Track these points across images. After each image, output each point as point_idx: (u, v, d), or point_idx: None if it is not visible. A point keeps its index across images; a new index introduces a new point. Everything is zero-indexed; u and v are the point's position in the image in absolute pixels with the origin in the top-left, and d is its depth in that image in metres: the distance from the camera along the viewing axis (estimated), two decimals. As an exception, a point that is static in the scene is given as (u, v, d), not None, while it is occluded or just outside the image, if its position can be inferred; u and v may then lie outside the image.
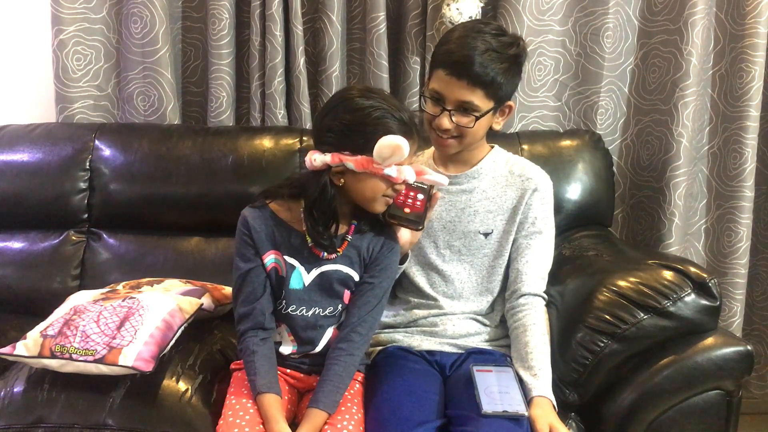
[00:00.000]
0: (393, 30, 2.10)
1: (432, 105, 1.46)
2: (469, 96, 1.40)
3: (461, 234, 1.53)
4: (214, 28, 2.05)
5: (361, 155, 1.28)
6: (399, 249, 1.44)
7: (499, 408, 1.27)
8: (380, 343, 1.55)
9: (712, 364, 1.38)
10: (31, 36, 2.17)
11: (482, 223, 1.52)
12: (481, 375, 1.36)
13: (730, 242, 2.14)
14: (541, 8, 2.06)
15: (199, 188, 1.92)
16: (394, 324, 1.57)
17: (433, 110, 1.45)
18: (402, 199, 1.41)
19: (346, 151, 1.28)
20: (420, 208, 1.42)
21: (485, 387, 1.32)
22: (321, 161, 1.30)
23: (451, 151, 1.51)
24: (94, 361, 1.30)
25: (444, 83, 1.42)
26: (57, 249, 1.94)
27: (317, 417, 1.28)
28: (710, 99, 2.14)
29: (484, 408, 1.26)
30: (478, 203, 1.53)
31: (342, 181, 1.32)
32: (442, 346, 1.50)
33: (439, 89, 1.43)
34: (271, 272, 1.38)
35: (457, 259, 1.54)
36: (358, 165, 1.28)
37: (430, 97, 1.46)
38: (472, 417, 1.27)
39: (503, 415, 1.26)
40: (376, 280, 1.40)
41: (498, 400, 1.29)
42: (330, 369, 1.33)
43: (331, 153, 1.29)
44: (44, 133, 1.98)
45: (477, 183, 1.54)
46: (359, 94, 1.31)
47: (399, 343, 1.52)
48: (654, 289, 1.40)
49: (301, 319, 1.39)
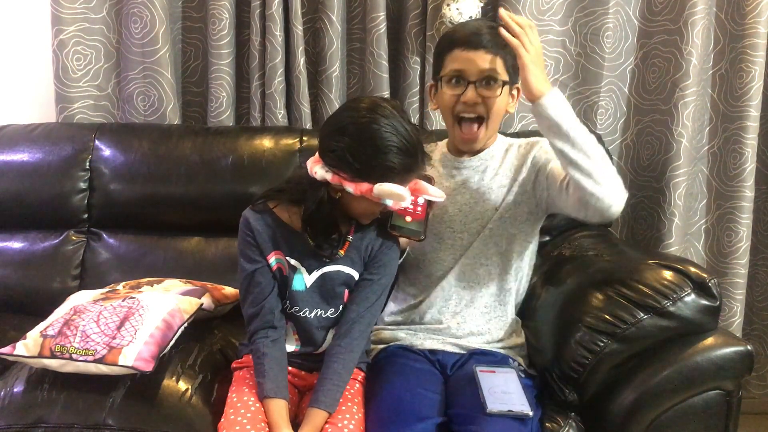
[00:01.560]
0: (393, 30, 2.10)
1: (453, 87, 1.47)
2: (490, 63, 1.43)
3: (478, 214, 1.53)
4: (214, 28, 2.05)
5: (361, 182, 1.27)
6: (397, 247, 1.44)
7: (504, 407, 1.27)
8: (383, 341, 1.55)
9: (712, 364, 1.38)
10: (31, 36, 2.17)
11: (497, 199, 1.53)
12: (484, 375, 1.36)
13: (730, 242, 2.14)
14: (541, 8, 2.06)
15: (199, 188, 1.92)
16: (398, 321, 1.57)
17: (456, 89, 1.46)
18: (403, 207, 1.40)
19: (346, 175, 1.28)
20: (421, 215, 1.42)
21: (489, 387, 1.32)
22: (321, 176, 1.30)
23: (478, 144, 1.53)
24: (94, 361, 1.30)
25: (462, 59, 1.44)
26: (57, 249, 1.94)
27: (318, 417, 1.28)
28: (710, 99, 2.14)
29: (489, 407, 1.26)
30: (491, 181, 1.54)
31: (339, 195, 1.32)
32: (445, 346, 1.50)
33: (459, 66, 1.45)
34: (275, 273, 1.38)
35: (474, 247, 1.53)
36: (357, 190, 1.28)
37: (448, 81, 1.47)
38: (476, 416, 1.27)
39: (508, 414, 1.26)
40: (375, 277, 1.40)
41: (502, 399, 1.29)
42: (329, 367, 1.33)
43: (332, 173, 1.29)
44: (44, 133, 1.98)
45: (489, 162, 1.55)
46: (366, 113, 1.27)
47: (402, 342, 1.53)
48: (654, 289, 1.40)
49: (304, 320, 1.39)
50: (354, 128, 1.27)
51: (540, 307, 1.57)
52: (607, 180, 1.35)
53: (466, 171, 1.56)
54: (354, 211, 1.35)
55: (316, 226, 1.34)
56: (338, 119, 1.31)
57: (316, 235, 1.34)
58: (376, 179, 1.26)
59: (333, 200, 1.32)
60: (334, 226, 1.35)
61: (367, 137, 1.26)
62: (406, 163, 1.27)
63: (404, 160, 1.27)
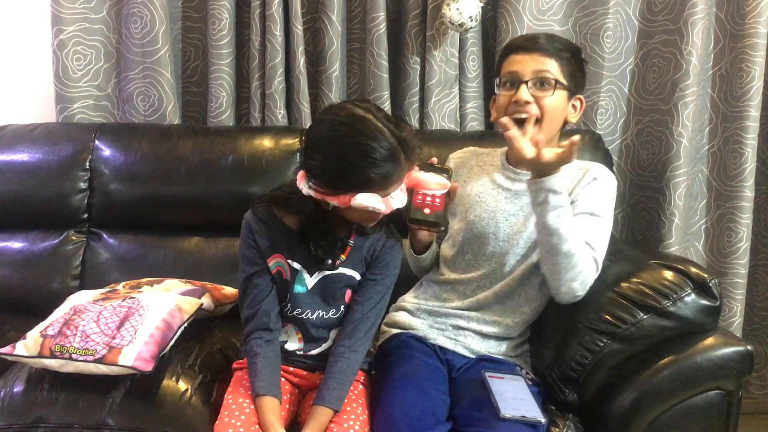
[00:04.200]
0: (393, 30, 2.10)
1: (507, 89, 1.49)
2: (544, 65, 1.45)
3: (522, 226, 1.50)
4: (214, 28, 2.05)
5: (343, 195, 1.25)
6: (400, 246, 1.44)
7: (518, 413, 1.27)
8: (395, 325, 1.55)
9: (712, 364, 1.38)
10: (31, 36, 2.17)
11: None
12: (494, 381, 1.36)
13: (730, 242, 2.14)
14: (541, 8, 2.06)
15: (199, 188, 1.92)
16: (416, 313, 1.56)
17: (510, 91, 1.48)
18: (420, 199, 1.39)
19: (324, 190, 1.26)
20: (440, 206, 1.40)
21: (500, 392, 1.32)
22: (307, 192, 1.29)
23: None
24: (94, 361, 1.30)
25: (516, 62, 1.48)
26: (57, 249, 1.94)
27: (323, 414, 1.27)
28: (710, 99, 2.14)
29: (502, 412, 1.27)
30: None
31: (330, 207, 1.30)
32: (456, 347, 1.50)
33: (513, 69, 1.48)
34: (275, 276, 1.38)
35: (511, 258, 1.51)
36: (341, 203, 1.26)
37: (503, 84, 1.50)
38: (489, 420, 1.27)
39: (522, 420, 1.26)
40: (378, 277, 1.40)
41: (515, 405, 1.29)
42: (334, 366, 1.33)
43: (314, 190, 1.27)
44: (44, 133, 1.98)
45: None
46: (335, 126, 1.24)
47: (415, 332, 1.52)
48: (654, 289, 1.40)
49: (306, 322, 1.40)
50: (323, 144, 1.25)
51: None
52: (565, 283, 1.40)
53: (521, 184, 1.51)
54: (351, 219, 1.34)
55: (313, 237, 1.34)
56: (310, 135, 1.29)
57: (316, 245, 1.34)
58: (356, 190, 1.24)
59: (325, 212, 1.32)
60: (331, 235, 1.35)
61: (338, 152, 1.23)
62: (384, 170, 1.23)
63: (381, 169, 1.23)
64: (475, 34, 2.08)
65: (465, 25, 1.94)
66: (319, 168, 1.25)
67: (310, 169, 1.26)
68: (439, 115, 2.10)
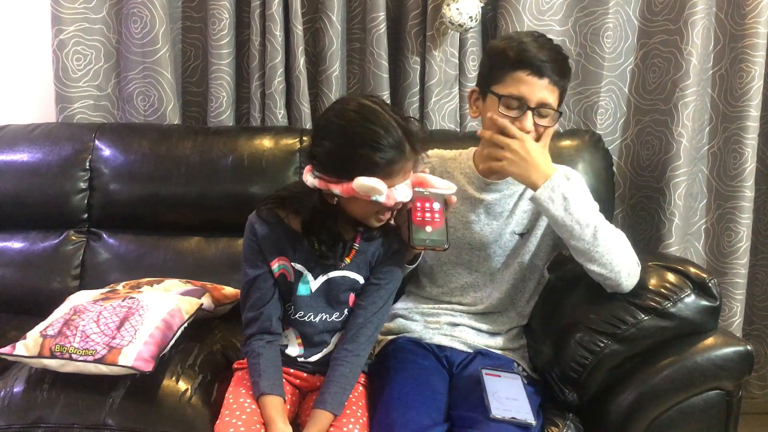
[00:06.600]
0: (393, 30, 2.10)
1: (508, 109, 1.41)
2: (549, 97, 1.40)
3: (497, 235, 1.52)
4: (214, 28, 2.05)
5: (347, 182, 1.24)
6: (404, 251, 1.43)
7: (508, 414, 1.26)
8: (391, 332, 1.55)
9: (712, 364, 1.38)
10: (31, 36, 2.17)
11: (518, 224, 1.52)
12: (490, 379, 1.35)
13: (730, 242, 2.14)
14: (541, 8, 2.06)
15: (199, 188, 1.92)
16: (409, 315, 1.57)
17: (511, 113, 1.40)
18: (420, 217, 1.33)
19: (330, 178, 1.26)
20: (440, 222, 1.34)
21: (494, 391, 1.32)
22: (311, 183, 1.29)
23: None
24: (94, 361, 1.30)
25: (523, 83, 1.39)
26: (57, 249, 1.94)
27: (323, 418, 1.27)
28: (710, 99, 2.14)
29: (492, 412, 1.26)
30: (515, 206, 1.53)
31: (335, 200, 1.30)
32: (453, 342, 1.51)
33: (521, 93, 1.39)
34: (279, 278, 1.38)
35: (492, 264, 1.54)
36: (344, 192, 1.26)
37: (505, 102, 1.41)
38: (479, 419, 1.26)
39: (511, 421, 1.26)
40: (382, 282, 1.39)
41: (507, 405, 1.28)
42: (336, 370, 1.33)
43: (318, 179, 1.28)
44: (44, 133, 1.98)
45: (515, 188, 1.52)
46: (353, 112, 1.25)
47: (411, 334, 1.52)
48: (654, 290, 1.40)
49: (309, 325, 1.39)
50: (330, 130, 1.26)
51: (540, 307, 1.57)
52: (614, 264, 1.36)
53: (492, 194, 1.52)
54: (354, 215, 1.33)
55: (317, 235, 1.33)
56: (318, 123, 1.31)
57: (320, 243, 1.34)
58: (358, 175, 1.23)
59: (330, 206, 1.31)
60: (335, 234, 1.34)
61: (344, 137, 1.24)
62: (389, 155, 1.23)
63: (386, 154, 1.23)
64: (475, 34, 2.08)
65: (465, 25, 1.94)
66: (324, 154, 1.26)
67: (316, 156, 1.27)
68: (439, 115, 2.10)
